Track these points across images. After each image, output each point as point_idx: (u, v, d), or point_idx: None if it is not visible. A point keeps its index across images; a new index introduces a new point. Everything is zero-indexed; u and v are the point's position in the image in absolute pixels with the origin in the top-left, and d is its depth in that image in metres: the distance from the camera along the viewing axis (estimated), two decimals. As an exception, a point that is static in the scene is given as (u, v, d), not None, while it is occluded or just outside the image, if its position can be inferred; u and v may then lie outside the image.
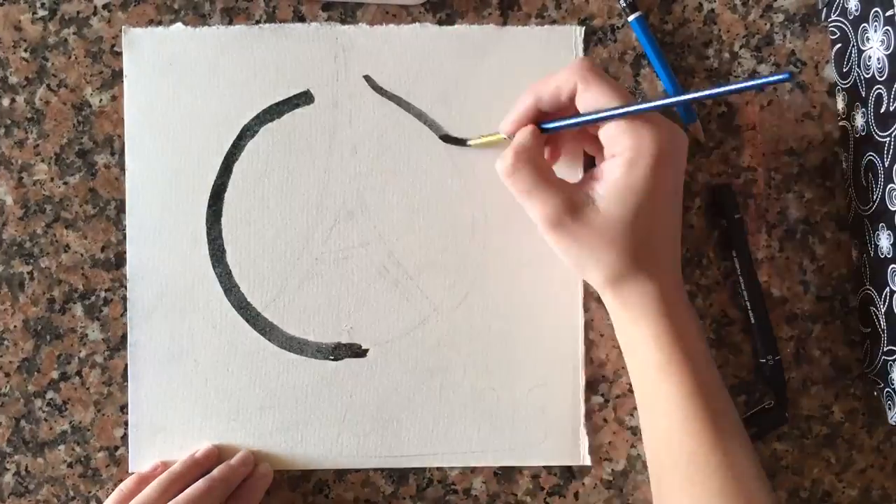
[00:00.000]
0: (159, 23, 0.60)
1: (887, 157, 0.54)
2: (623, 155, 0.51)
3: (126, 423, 0.59)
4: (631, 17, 0.59)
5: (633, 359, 0.54)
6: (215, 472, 0.56)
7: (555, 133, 0.54)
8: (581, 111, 0.52)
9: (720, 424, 0.51)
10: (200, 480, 0.55)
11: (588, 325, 0.60)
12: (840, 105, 0.60)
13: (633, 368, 0.54)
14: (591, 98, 0.51)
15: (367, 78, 0.60)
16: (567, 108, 0.53)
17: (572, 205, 0.51)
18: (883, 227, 0.56)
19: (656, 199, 0.51)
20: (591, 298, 0.60)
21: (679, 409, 0.51)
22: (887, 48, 0.53)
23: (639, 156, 0.50)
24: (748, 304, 0.59)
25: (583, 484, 0.60)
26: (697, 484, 0.51)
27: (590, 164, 0.58)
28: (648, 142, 0.50)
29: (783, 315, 0.60)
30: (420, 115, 0.60)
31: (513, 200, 0.60)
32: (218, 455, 0.58)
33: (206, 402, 0.59)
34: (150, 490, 0.55)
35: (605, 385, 0.60)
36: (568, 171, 0.58)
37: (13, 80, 0.60)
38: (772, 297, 0.60)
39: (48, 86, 0.60)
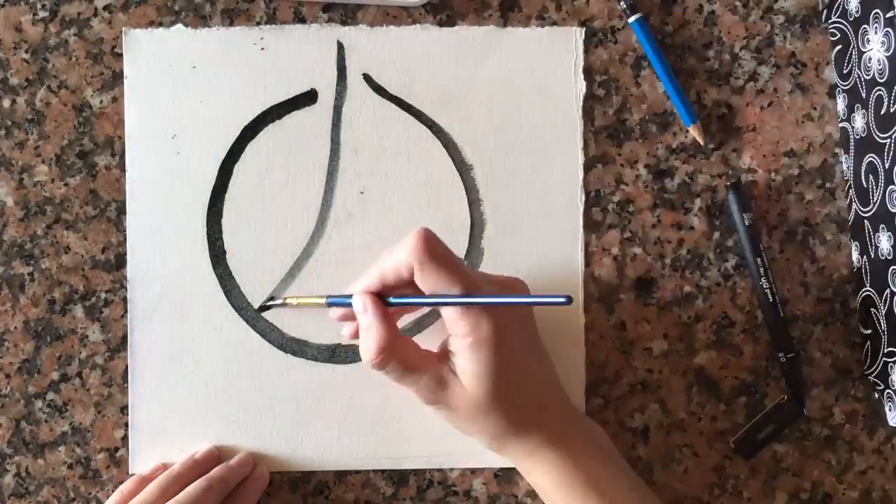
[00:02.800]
0: (160, 24, 0.60)
1: (888, 159, 0.54)
2: (466, 339, 0.51)
3: (126, 425, 0.59)
4: (631, 19, 0.59)
5: (543, 499, 0.55)
6: (214, 471, 0.56)
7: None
8: (422, 289, 0.51)
9: None
10: (199, 480, 0.55)
11: (588, 327, 0.60)
12: (840, 106, 0.60)
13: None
14: (428, 280, 0.50)
15: (368, 79, 0.60)
16: (411, 283, 0.52)
17: (440, 383, 0.52)
18: (883, 228, 0.56)
19: (512, 368, 0.52)
20: (591, 300, 0.60)
21: None
22: (888, 50, 0.53)
23: (480, 340, 0.50)
24: (770, 296, 0.59)
25: (583, 485, 0.60)
26: None
27: None
28: (486, 325, 0.50)
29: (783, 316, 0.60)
30: (420, 116, 0.60)
31: (513, 201, 0.60)
32: (217, 456, 0.58)
33: (206, 403, 0.59)
34: (149, 490, 0.55)
35: (605, 386, 0.60)
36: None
37: (14, 81, 0.60)
38: (772, 298, 0.60)
39: (49, 87, 0.60)
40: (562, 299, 0.47)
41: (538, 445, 0.53)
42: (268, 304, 0.59)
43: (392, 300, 0.52)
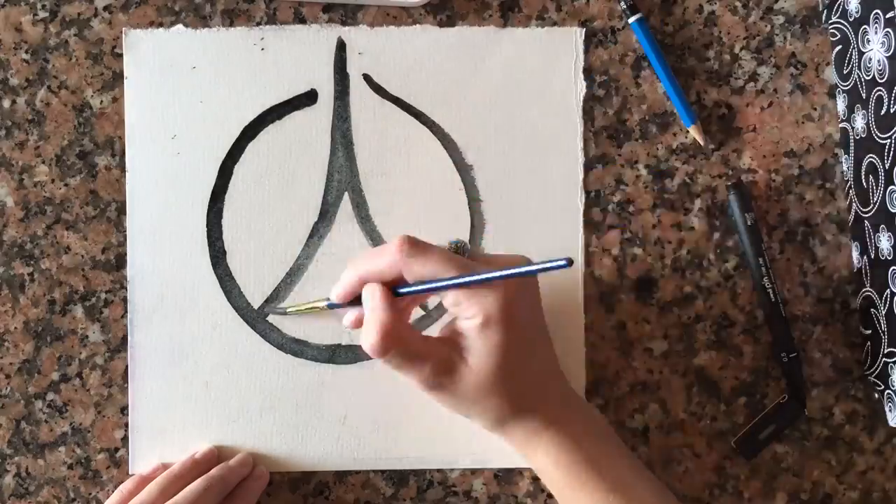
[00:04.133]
0: (160, 24, 0.60)
1: (888, 159, 0.54)
2: (474, 320, 0.51)
3: (126, 425, 0.59)
4: (631, 19, 0.59)
5: (545, 480, 0.55)
6: (213, 471, 0.56)
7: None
8: (411, 281, 0.51)
9: None
10: (198, 480, 0.55)
11: (589, 328, 0.60)
12: (840, 107, 0.60)
13: (550, 487, 0.55)
14: (419, 269, 0.50)
15: (368, 79, 0.60)
16: (394, 283, 0.52)
17: (445, 367, 0.51)
18: (884, 228, 0.56)
19: (521, 348, 0.52)
20: (591, 300, 0.60)
21: None
22: (888, 50, 0.53)
23: (489, 319, 0.50)
24: (772, 296, 0.59)
25: (583, 486, 0.60)
26: None
27: None
28: (494, 304, 0.50)
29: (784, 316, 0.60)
30: (420, 116, 0.60)
31: (513, 201, 0.60)
32: (217, 456, 0.58)
33: (207, 403, 0.59)
34: (149, 490, 0.55)
35: (605, 386, 0.60)
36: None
37: (14, 81, 0.60)
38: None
39: (49, 87, 0.60)
40: (562, 262, 0.47)
41: (539, 426, 0.53)
42: (267, 310, 0.59)
43: (401, 290, 0.52)
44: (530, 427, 0.53)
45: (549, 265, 0.48)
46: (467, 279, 0.50)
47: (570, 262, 0.47)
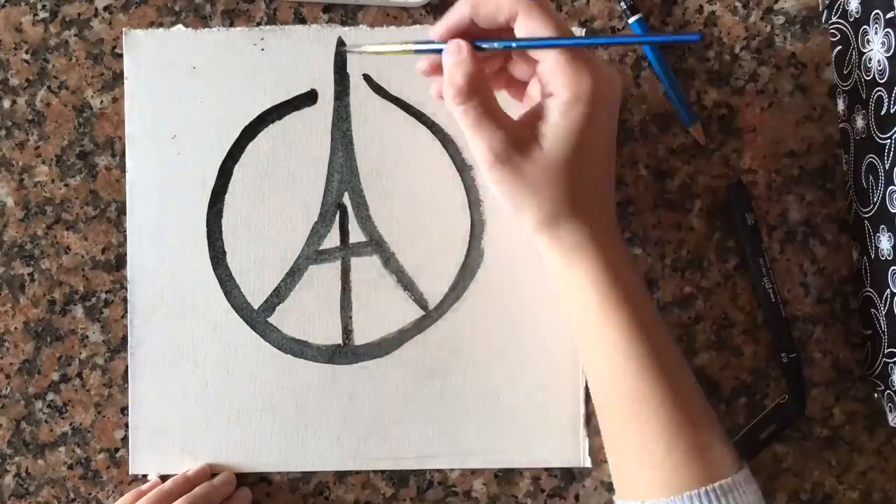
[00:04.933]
0: (160, 25, 0.60)
1: (888, 160, 0.54)
2: (561, 96, 0.49)
3: (126, 425, 0.59)
4: (631, 20, 0.59)
5: (570, 302, 0.54)
6: (197, 489, 0.57)
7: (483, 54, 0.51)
8: (521, 33, 0.50)
9: (662, 360, 0.51)
10: (182, 497, 0.56)
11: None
12: (840, 107, 0.60)
13: (572, 312, 0.54)
14: (532, 27, 0.50)
15: (368, 79, 0.60)
16: (500, 31, 0.51)
17: (519, 141, 0.50)
18: (884, 229, 0.56)
19: (594, 142, 0.51)
20: (591, 300, 0.60)
21: (620, 349, 0.52)
22: (888, 50, 0.53)
23: (577, 97, 0.49)
24: (773, 296, 0.59)
25: (583, 486, 0.60)
26: (642, 420, 0.51)
27: None
28: (587, 83, 0.49)
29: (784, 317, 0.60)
30: (420, 116, 0.60)
31: (513, 202, 0.60)
32: (209, 475, 0.59)
33: (207, 404, 0.59)
34: None
35: (605, 387, 0.60)
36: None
37: (14, 81, 0.60)
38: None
39: (49, 87, 0.60)
40: (694, 36, 0.45)
41: (587, 238, 0.52)
42: (344, 49, 0.57)
43: (484, 44, 0.50)
44: (579, 236, 0.52)
45: (677, 38, 0.46)
46: (575, 41, 0.48)
47: (702, 36, 0.45)
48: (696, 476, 0.51)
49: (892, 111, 0.54)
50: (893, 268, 0.55)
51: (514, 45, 0.50)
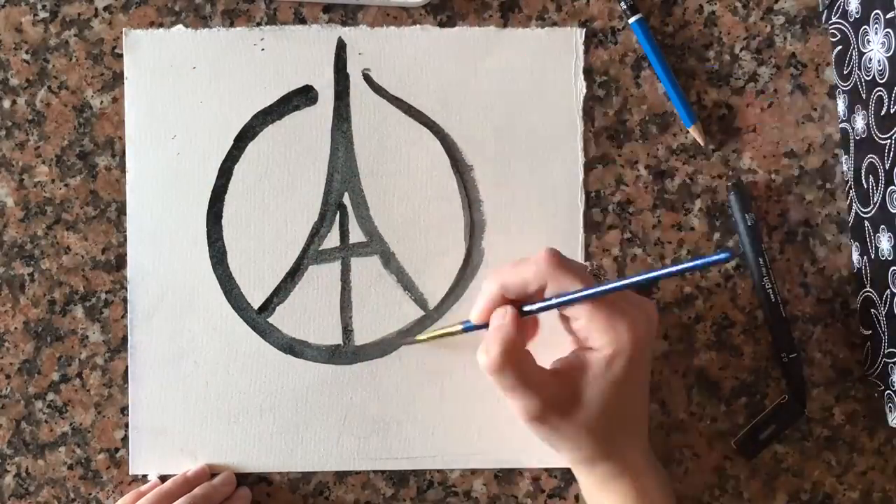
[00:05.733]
0: (160, 25, 0.60)
1: (888, 160, 0.54)
2: (602, 351, 0.50)
3: (126, 425, 0.59)
4: (632, 20, 0.59)
5: None
6: (196, 490, 0.57)
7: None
8: (551, 294, 0.50)
9: None
10: (182, 497, 0.56)
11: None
12: (840, 107, 0.60)
13: None
14: (563, 287, 0.50)
15: (368, 79, 0.60)
16: (534, 296, 0.51)
17: (556, 404, 0.51)
18: (884, 229, 0.56)
19: (635, 388, 0.52)
20: (591, 300, 0.60)
21: None
22: (888, 50, 0.53)
23: (618, 352, 0.50)
24: (773, 296, 0.59)
25: (583, 486, 0.60)
26: None
27: None
28: (626, 337, 0.50)
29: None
30: (420, 117, 0.60)
31: (513, 201, 0.60)
32: (208, 475, 0.59)
33: (206, 404, 0.59)
34: None
35: (605, 387, 0.60)
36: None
37: (14, 82, 0.60)
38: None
39: (49, 88, 0.60)
40: (723, 256, 0.44)
41: (620, 472, 0.53)
42: (399, 343, 0.59)
43: (531, 307, 0.51)
44: (612, 470, 0.53)
45: (707, 260, 0.45)
46: (608, 287, 0.48)
47: (733, 256, 0.45)
48: None
49: (892, 111, 0.53)
50: (893, 268, 0.55)
51: (555, 302, 0.50)
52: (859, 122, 0.57)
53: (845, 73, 0.59)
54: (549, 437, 0.52)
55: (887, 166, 0.54)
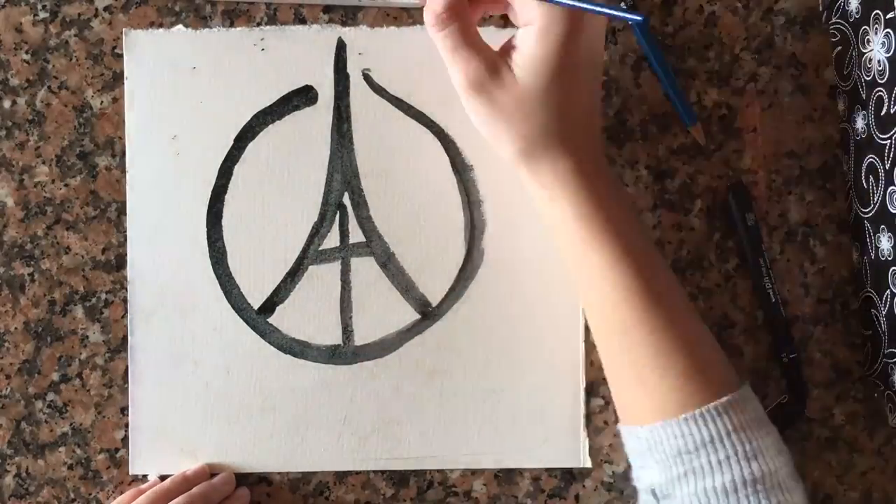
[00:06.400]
0: (160, 25, 0.60)
1: (888, 160, 0.54)
2: (535, 23, 0.50)
3: (126, 426, 0.59)
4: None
5: (557, 235, 0.53)
6: (196, 489, 0.57)
7: None
8: None
9: (651, 288, 0.51)
10: (181, 497, 0.56)
11: (588, 327, 0.60)
12: (841, 107, 0.60)
13: (560, 243, 0.54)
14: None
15: (368, 79, 0.60)
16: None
17: (494, 68, 0.50)
18: (884, 229, 0.56)
19: (571, 72, 0.50)
20: (591, 300, 0.60)
21: (607, 279, 0.52)
22: (888, 51, 0.53)
23: (551, 24, 0.49)
24: (773, 296, 0.59)
25: (583, 486, 0.60)
26: (634, 349, 0.52)
27: None
28: (560, 15, 0.49)
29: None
30: (420, 117, 0.60)
31: (513, 201, 0.60)
32: (208, 474, 0.59)
33: (207, 404, 0.59)
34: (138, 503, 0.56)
35: (605, 387, 0.60)
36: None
37: (14, 82, 0.60)
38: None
39: (49, 88, 0.60)
40: (638, 17, 0.46)
41: (569, 169, 0.51)
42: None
43: None
44: (560, 167, 0.51)
45: (623, 14, 0.47)
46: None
47: (646, 20, 0.46)
48: (691, 399, 0.51)
49: (892, 111, 0.53)
50: (893, 268, 0.55)
51: None
52: (859, 122, 0.57)
53: (845, 73, 0.59)
54: (487, 116, 0.51)
55: (887, 166, 0.54)
